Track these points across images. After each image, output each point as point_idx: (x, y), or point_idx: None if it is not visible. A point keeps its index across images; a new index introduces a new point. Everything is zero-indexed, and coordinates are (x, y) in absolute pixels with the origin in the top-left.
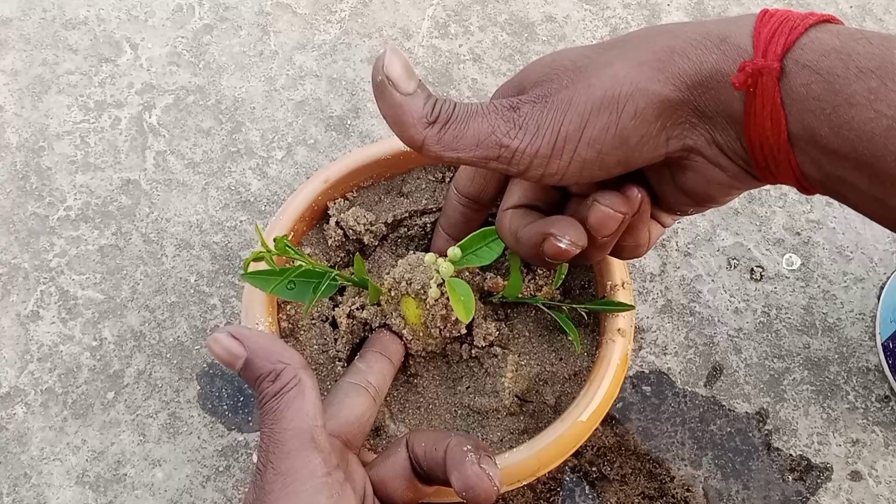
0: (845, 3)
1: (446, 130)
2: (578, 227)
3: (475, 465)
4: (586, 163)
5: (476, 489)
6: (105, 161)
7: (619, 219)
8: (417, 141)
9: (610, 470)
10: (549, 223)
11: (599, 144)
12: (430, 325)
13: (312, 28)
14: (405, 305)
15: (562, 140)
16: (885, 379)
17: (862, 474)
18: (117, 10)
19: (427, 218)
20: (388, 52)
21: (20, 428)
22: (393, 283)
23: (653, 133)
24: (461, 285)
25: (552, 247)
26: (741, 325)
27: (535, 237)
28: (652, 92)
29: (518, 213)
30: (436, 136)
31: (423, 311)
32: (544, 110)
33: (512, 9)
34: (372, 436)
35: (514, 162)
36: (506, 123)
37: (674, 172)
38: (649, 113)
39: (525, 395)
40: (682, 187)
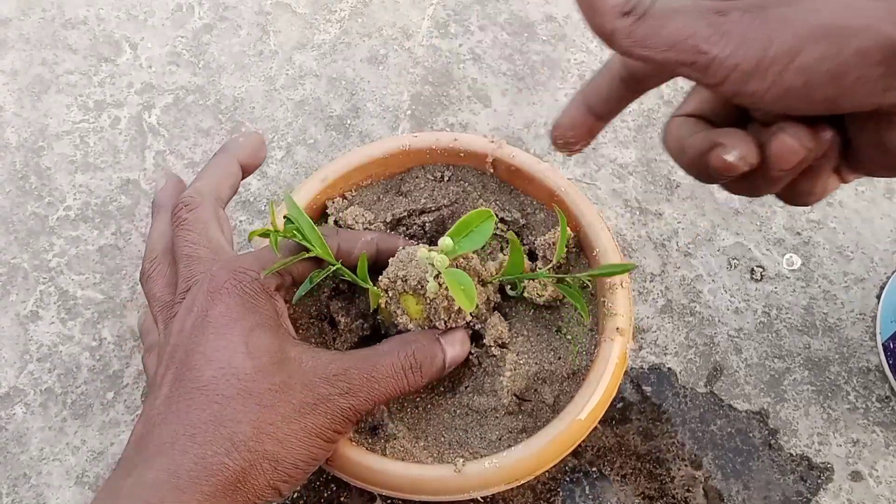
0: None
1: (640, 24)
2: (752, 145)
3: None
4: (789, 91)
5: None
6: (105, 161)
7: (801, 155)
8: (607, 31)
9: (610, 470)
10: (721, 133)
11: (809, 75)
12: (434, 318)
13: (312, 28)
14: (405, 303)
15: (769, 60)
16: (885, 379)
17: (862, 474)
18: (117, 9)
19: (426, 217)
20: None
21: (20, 428)
22: (388, 283)
23: (872, 78)
24: (459, 275)
25: (718, 158)
26: (741, 325)
27: (702, 145)
28: (884, 33)
29: (689, 121)
30: (627, 28)
31: (423, 306)
32: (755, 21)
33: (512, 8)
34: (370, 434)
35: (709, 72)
36: (708, 27)
37: (880, 128)
38: (875, 55)
39: (523, 394)
40: (884, 146)
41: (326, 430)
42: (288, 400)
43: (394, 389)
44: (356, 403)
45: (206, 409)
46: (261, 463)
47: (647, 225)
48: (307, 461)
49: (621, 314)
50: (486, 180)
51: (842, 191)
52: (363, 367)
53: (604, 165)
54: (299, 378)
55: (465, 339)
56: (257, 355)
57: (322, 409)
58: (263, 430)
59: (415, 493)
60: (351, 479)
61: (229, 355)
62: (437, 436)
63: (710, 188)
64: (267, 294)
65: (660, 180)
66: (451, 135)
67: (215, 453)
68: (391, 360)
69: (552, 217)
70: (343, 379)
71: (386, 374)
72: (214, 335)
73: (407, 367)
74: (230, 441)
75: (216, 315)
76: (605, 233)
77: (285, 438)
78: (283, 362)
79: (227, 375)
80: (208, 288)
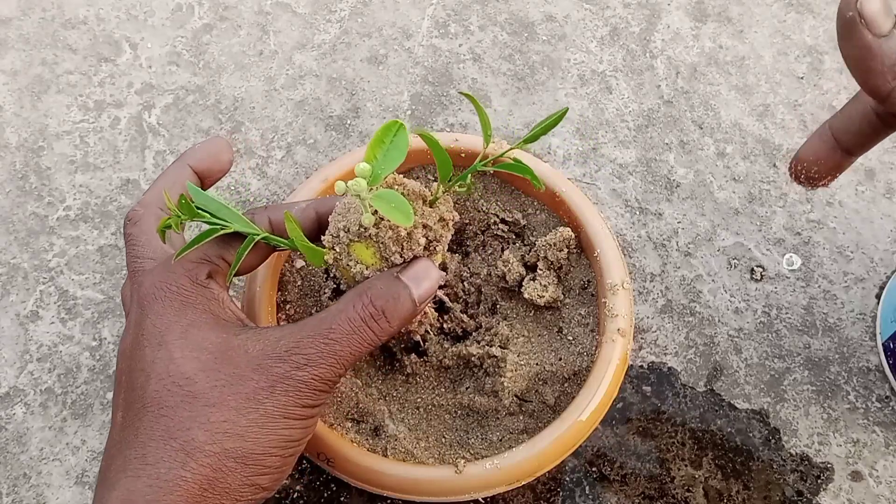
0: None
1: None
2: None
3: None
4: None
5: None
6: (104, 161)
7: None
8: (883, 92)
9: (610, 470)
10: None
11: None
12: (389, 256)
13: (312, 28)
14: (357, 252)
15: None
16: (885, 379)
17: (862, 474)
18: (117, 9)
19: None
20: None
21: (19, 428)
22: (332, 238)
23: None
24: (386, 194)
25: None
26: (741, 325)
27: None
28: None
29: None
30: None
31: (374, 248)
32: None
33: (512, 8)
34: (371, 435)
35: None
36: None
37: None
38: None
39: (524, 395)
40: None
41: (293, 408)
42: (239, 391)
43: (359, 345)
44: (320, 372)
45: (155, 425)
46: (225, 464)
47: (647, 225)
48: (281, 446)
49: (622, 315)
50: (486, 181)
51: (842, 190)
52: (317, 332)
53: (604, 165)
54: (248, 365)
55: (431, 268)
56: (196, 355)
57: (281, 389)
58: (217, 429)
59: (416, 494)
60: (351, 480)
61: (167, 364)
62: (438, 436)
63: (709, 188)
64: (199, 286)
65: (660, 180)
66: (451, 135)
67: (170, 469)
68: (347, 314)
69: (553, 218)
70: (297, 351)
71: (345, 332)
72: (150, 347)
73: (367, 316)
74: (184, 452)
75: (149, 326)
76: (605, 233)
77: (245, 431)
78: (228, 353)
79: (169, 385)
80: (138, 300)
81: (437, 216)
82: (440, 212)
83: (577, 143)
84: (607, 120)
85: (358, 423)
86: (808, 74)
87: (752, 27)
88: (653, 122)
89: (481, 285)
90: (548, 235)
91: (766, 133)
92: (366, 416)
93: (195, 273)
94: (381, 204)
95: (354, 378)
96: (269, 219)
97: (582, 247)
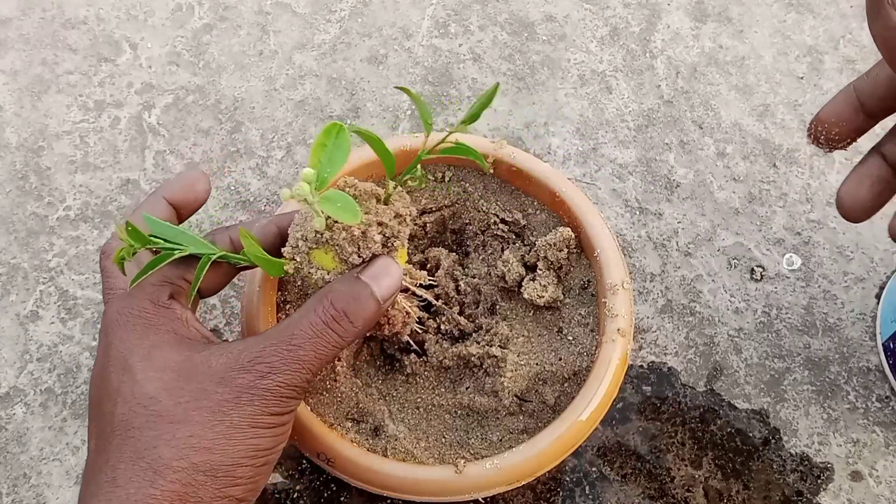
0: (845, 3)
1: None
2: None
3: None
4: None
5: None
6: (104, 161)
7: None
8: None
9: (610, 470)
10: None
11: None
12: (347, 257)
13: (312, 28)
14: (318, 259)
15: None
16: (885, 379)
17: (862, 474)
18: (117, 9)
19: (427, 217)
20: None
21: (19, 428)
22: (292, 249)
23: None
24: (332, 195)
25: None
26: (741, 325)
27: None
28: None
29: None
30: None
31: (333, 252)
32: None
33: (512, 8)
34: (371, 435)
35: None
36: None
37: None
38: None
39: (524, 395)
40: None
41: (260, 417)
42: (203, 406)
43: (324, 349)
44: (285, 379)
45: (124, 447)
46: (195, 478)
47: (647, 225)
48: (251, 456)
49: (622, 315)
50: (486, 181)
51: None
52: (280, 339)
53: (604, 165)
54: (211, 379)
55: (391, 265)
56: (160, 375)
57: (246, 399)
58: (184, 444)
59: (416, 494)
60: (351, 480)
61: (131, 386)
62: (438, 436)
63: (709, 188)
64: (161, 308)
65: (660, 180)
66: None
67: (138, 489)
68: (308, 319)
69: (553, 218)
70: (260, 360)
71: (308, 337)
72: (115, 372)
73: (329, 319)
74: (151, 470)
75: (114, 352)
76: (605, 233)
77: (213, 444)
78: (191, 370)
79: (135, 406)
80: (103, 328)
81: (392, 213)
82: (395, 208)
83: (577, 143)
84: (607, 120)
85: (358, 423)
86: (808, 74)
87: (752, 27)
88: (653, 122)
89: (479, 285)
90: (548, 235)
91: (766, 133)
92: (366, 416)
93: (156, 296)
94: (328, 206)
95: (354, 378)
96: (230, 238)
97: (582, 247)
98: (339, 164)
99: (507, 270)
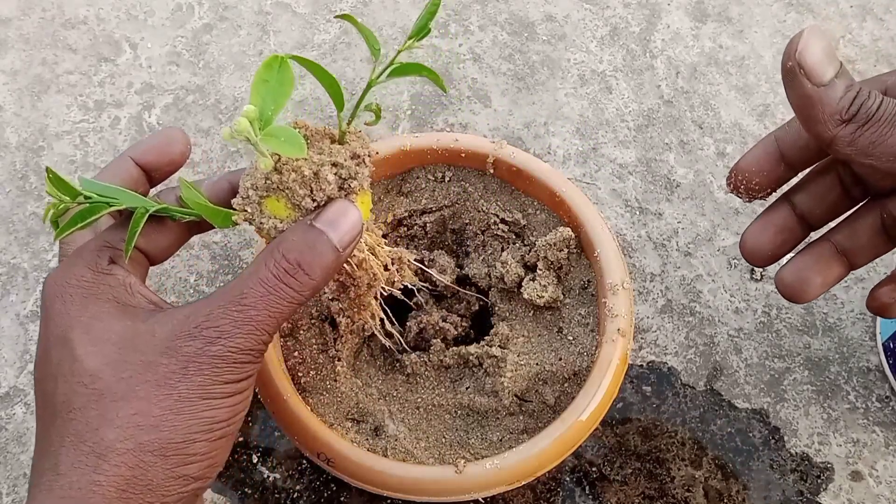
0: (846, 3)
1: (863, 132)
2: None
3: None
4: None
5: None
6: (104, 161)
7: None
8: (826, 139)
9: (610, 470)
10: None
11: None
12: (300, 202)
13: (312, 28)
14: (270, 209)
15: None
16: (885, 379)
17: (862, 474)
18: (117, 9)
19: (427, 217)
20: (807, 33)
21: (20, 428)
22: (243, 200)
23: None
24: (274, 130)
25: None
26: (741, 325)
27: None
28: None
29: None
30: (849, 136)
31: (285, 198)
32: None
33: (512, 8)
34: (371, 435)
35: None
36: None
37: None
38: None
39: (525, 395)
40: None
41: (212, 387)
42: (148, 379)
43: (279, 307)
44: (237, 343)
45: (65, 430)
46: (142, 459)
47: (647, 225)
48: (205, 430)
49: (622, 315)
50: (486, 181)
51: None
52: (228, 300)
53: (604, 165)
54: (155, 349)
55: (348, 208)
56: (99, 349)
57: (194, 369)
58: (128, 423)
59: (416, 494)
60: (351, 480)
61: (71, 363)
62: (438, 436)
63: (709, 188)
64: (101, 275)
65: (660, 180)
66: (451, 135)
67: (81, 475)
68: (259, 275)
69: (553, 218)
70: (208, 325)
71: (259, 295)
72: (55, 349)
73: (281, 273)
74: (94, 454)
75: (52, 328)
76: (605, 233)
77: (160, 422)
78: (134, 341)
79: (75, 385)
80: (42, 303)
81: (348, 153)
82: (352, 148)
83: (577, 143)
84: (607, 120)
85: (358, 423)
86: None
87: (752, 27)
88: (653, 122)
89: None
90: (548, 235)
91: (767, 133)
92: (366, 416)
93: (95, 262)
94: (270, 141)
95: (354, 378)
96: (178, 196)
97: (582, 247)
98: (282, 100)
99: (506, 272)
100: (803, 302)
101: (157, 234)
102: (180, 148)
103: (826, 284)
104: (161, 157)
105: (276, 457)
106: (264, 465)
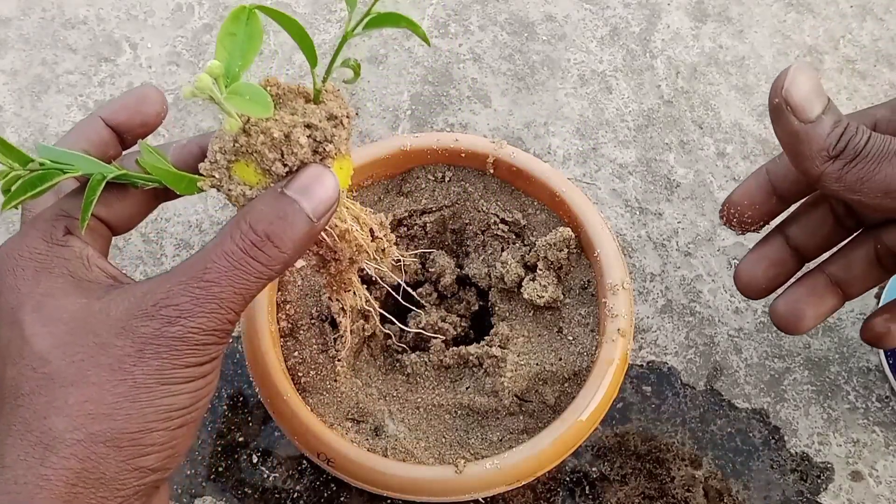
0: (845, 3)
1: (851, 169)
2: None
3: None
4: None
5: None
6: None
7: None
8: (813, 175)
9: (610, 470)
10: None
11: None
12: (270, 166)
13: (312, 28)
14: (239, 174)
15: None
16: (885, 379)
17: (862, 474)
18: (117, 9)
19: (427, 217)
20: (794, 69)
21: None
22: (210, 165)
23: None
24: (239, 87)
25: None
26: (741, 325)
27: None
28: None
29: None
30: (836, 173)
31: (254, 163)
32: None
33: (512, 8)
34: (371, 435)
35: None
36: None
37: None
38: None
39: (525, 395)
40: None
41: (171, 372)
42: (101, 363)
43: (245, 283)
44: (199, 324)
45: (12, 418)
46: (94, 451)
47: (647, 225)
48: (164, 419)
49: (622, 315)
50: (486, 181)
51: None
52: (190, 276)
53: (604, 165)
54: (110, 330)
55: (323, 174)
56: (50, 329)
57: (151, 351)
58: (79, 412)
59: (416, 494)
60: (351, 480)
61: (20, 345)
62: (439, 436)
63: (709, 188)
64: (56, 246)
65: (660, 180)
66: (451, 135)
67: (28, 469)
68: (223, 248)
69: (553, 218)
70: (167, 303)
71: (223, 270)
72: (5, 328)
73: (248, 246)
74: (42, 445)
75: (3, 304)
76: (605, 233)
77: (113, 410)
78: (87, 321)
79: (24, 369)
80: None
81: (323, 114)
82: (328, 108)
83: (577, 143)
84: (607, 120)
85: (358, 423)
86: None
87: (752, 27)
88: (653, 122)
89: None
90: (548, 235)
91: (767, 133)
92: (366, 416)
93: (50, 232)
94: (234, 100)
95: (354, 378)
96: (138, 162)
97: (582, 247)
98: (250, 54)
99: (506, 272)
100: (797, 333)
101: (119, 202)
102: (155, 108)
103: (820, 316)
104: (133, 116)
105: (276, 457)
106: (264, 465)
